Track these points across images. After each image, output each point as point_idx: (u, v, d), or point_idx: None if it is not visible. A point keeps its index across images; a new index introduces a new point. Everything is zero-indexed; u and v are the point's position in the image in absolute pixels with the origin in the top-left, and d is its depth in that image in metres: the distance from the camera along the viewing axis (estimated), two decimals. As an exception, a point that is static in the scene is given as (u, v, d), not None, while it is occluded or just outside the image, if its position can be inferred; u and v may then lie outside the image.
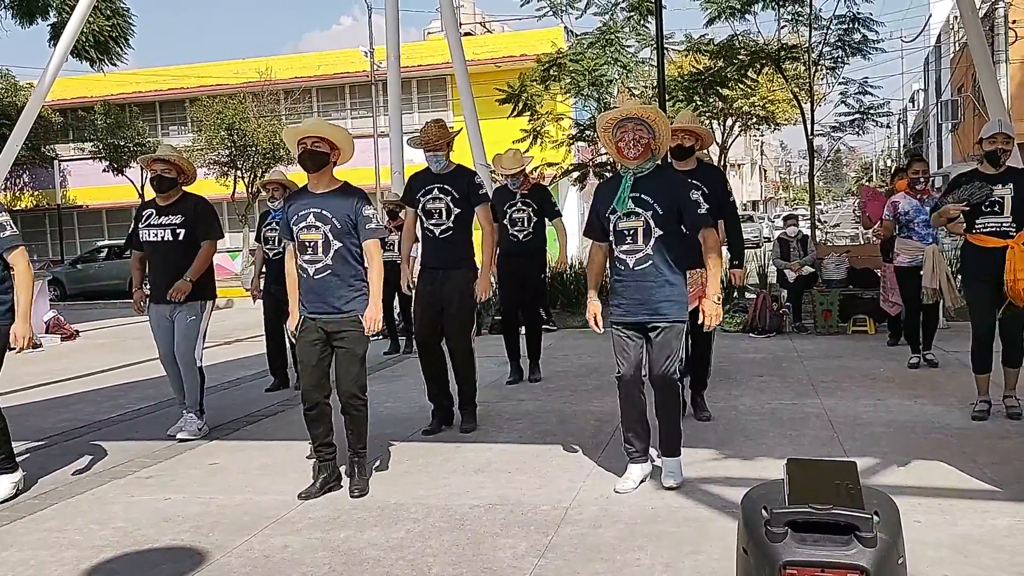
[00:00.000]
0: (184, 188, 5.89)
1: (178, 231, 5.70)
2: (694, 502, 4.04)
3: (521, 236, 7.02)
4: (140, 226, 5.83)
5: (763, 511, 2.37)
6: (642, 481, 4.29)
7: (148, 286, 5.94)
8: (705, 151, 6.16)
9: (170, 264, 5.72)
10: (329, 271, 4.36)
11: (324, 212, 4.35)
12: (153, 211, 5.79)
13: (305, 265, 4.38)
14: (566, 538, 3.67)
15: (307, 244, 4.36)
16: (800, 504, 2.33)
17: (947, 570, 3.19)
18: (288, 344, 7.03)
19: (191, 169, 5.90)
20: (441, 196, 5.52)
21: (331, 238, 4.34)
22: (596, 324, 4.40)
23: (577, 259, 13.07)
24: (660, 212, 4.16)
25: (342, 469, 4.58)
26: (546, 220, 7.19)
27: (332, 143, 4.40)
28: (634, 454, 4.35)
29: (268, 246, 7.21)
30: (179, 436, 5.73)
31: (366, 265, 4.46)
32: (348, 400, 4.41)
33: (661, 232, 4.17)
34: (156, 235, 5.73)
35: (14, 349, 4.56)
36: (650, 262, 4.17)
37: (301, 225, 4.37)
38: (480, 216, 5.62)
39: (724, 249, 5.75)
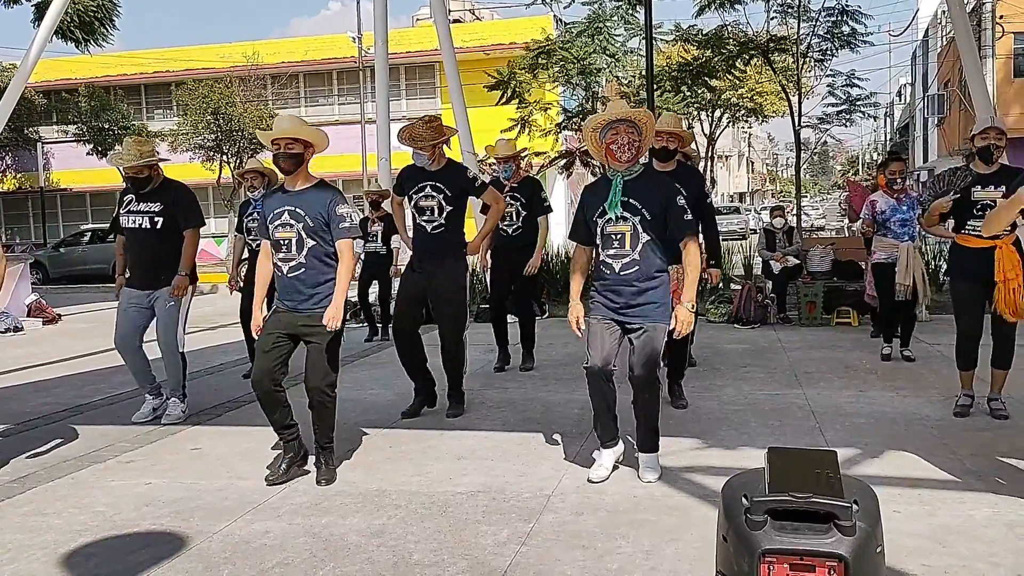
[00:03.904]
0: (163, 174, 5.80)
1: (156, 219, 5.65)
2: (675, 491, 4.05)
3: (511, 231, 6.98)
4: (121, 211, 5.77)
5: (743, 499, 2.38)
6: (615, 467, 4.30)
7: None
8: (692, 147, 6.22)
9: (146, 251, 5.67)
10: (302, 269, 4.34)
11: (297, 210, 4.32)
12: (133, 197, 5.71)
13: (279, 263, 4.37)
14: (548, 525, 3.68)
15: (281, 242, 4.34)
16: (780, 492, 2.34)
17: (925, 560, 3.21)
18: None
19: (157, 158, 5.77)
20: (433, 194, 5.49)
21: (304, 236, 4.31)
22: (578, 327, 4.29)
23: (563, 247, 13.07)
24: (648, 218, 4.13)
25: (311, 458, 4.54)
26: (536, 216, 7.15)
27: (306, 142, 4.37)
28: (606, 440, 4.35)
29: (251, 236, 7.10)
30: (164, 421, 5.71)
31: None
32: (316, 396, 4.37)
33: (648, 237, 4.14)
34: (134, 221, 5.67)
35: None
36: (636, 267, 4.14)
37: (276, 223, 4.35)
38: (488, 200, 5.75)
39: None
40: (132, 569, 3.39)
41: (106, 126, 26.78)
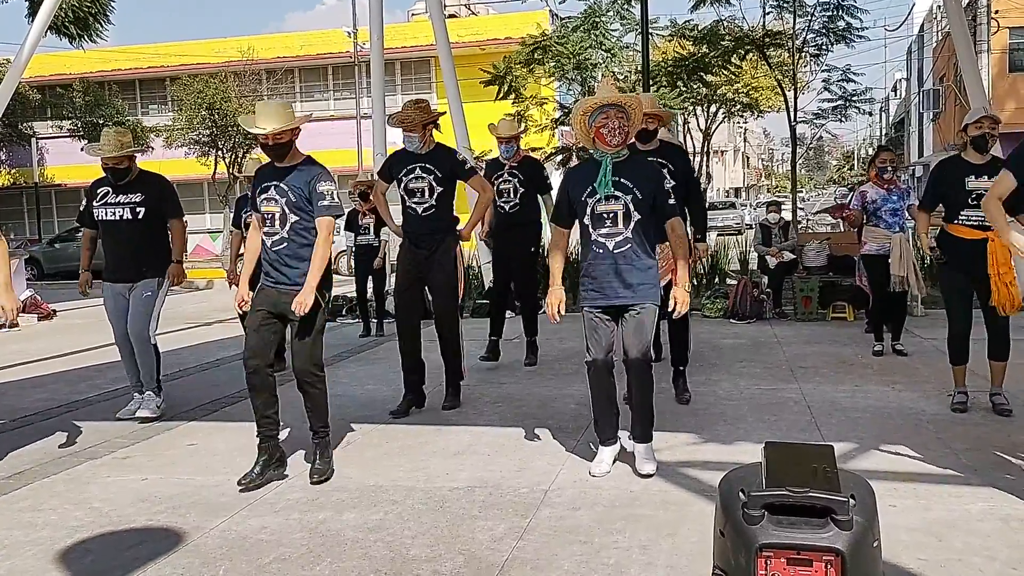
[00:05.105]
0: (139, 165, 5.77)
1: (138, 209, 5.63)
2: (672, 485, 4.06)
3: (508, 207, 6.93)
4: (95, 204, 5.69)
5: (740, 494, 2.38)
6: (614, 462, 4.32)
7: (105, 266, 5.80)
8: (671, 136, 6.24)
9: (128, 243, 5.65)
10: (285, 244, 4.33)
11: (282, 185, 4.32)
12: (109, 189, 5.67)
13: (264, 238, 4.39)
14: (544, 520, 3.68)
15: (266, 216, 4.36)
16: (777, 487, 2.34)
17: (921, 554, 3.22)
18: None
19: (136, 149, 5.76)
20: (424, 175, 5.52)
21: (287, 211, 4.31)
22: (559, 313, 4.31)
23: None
24: (639, 197, 4.21)
25: (301, 454, 4.53)
26: (538, 194, 7.09)
27: (292, 130, 4.35)
28: (606, 438, 4.37)
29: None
30: (139, 415, 5.67)
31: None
32: (303, 376, 4.34)
33: (639, 216, 4.22)
34: (114, 213, 5.64)
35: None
36: (629, 245, 4.22)
37: (262, 198, 4.37)
38: (475, 186, 5.71)
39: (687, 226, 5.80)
40: (128, 565, 3.38)
41: (100, 121, 26.60)
